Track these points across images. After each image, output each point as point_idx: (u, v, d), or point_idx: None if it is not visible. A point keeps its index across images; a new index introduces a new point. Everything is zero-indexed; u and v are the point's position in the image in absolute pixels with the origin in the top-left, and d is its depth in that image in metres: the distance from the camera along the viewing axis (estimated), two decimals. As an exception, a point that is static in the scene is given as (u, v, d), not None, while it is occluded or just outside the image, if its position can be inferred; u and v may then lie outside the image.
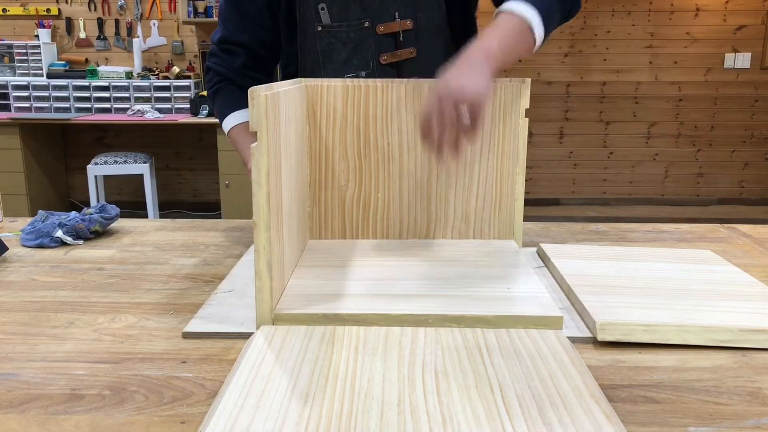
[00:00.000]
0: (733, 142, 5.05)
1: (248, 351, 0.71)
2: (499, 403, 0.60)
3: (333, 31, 1.19)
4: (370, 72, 1.21)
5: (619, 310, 0.79)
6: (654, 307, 0.80)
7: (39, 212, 1.20)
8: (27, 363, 0.71)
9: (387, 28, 1.19)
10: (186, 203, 5.06)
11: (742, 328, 0.75)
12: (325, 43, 1.21)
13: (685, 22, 4.85)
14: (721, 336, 0.75)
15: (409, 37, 1.20)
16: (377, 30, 1.19)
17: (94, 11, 4.80)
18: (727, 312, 0.79)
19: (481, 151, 1.07)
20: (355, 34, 1.19)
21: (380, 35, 1.19)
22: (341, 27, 1.19)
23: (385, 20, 1.19)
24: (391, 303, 0.81)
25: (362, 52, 1.21)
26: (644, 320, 0.76)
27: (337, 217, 1.10)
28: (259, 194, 0.74)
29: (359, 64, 1.21)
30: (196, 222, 1.31)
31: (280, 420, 0.57)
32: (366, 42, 1.20)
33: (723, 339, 0.75)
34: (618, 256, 1.02)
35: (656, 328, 0.75)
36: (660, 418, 0.60)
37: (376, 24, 1.19)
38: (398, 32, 1.19)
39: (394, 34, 1.20)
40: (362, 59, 1.21)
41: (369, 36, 1.19)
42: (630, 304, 0.82)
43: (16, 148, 4.27)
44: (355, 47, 1.20)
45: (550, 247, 1.06)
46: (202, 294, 0.91)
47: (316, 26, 1.19)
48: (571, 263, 0.98)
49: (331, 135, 1.07)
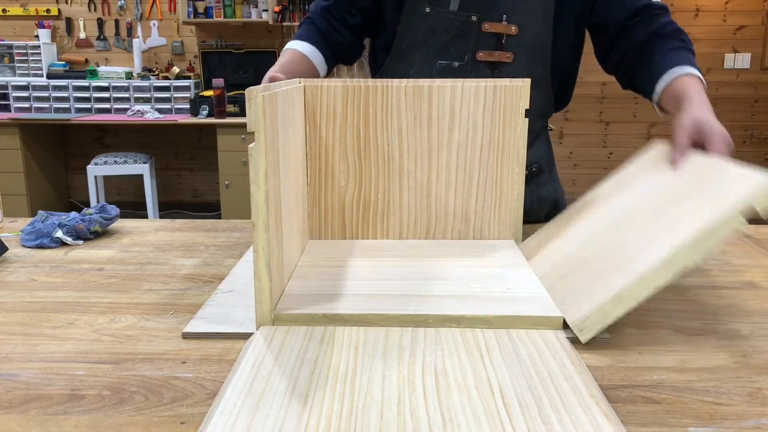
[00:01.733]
0: (733, 142, 5.04)
1: (248, 351, 0.71)
2: (499, 403, 0.60)
3: (440, 15, 1.21)
4: (464, 65, 1.23)
5: (570, 304, 0.79)
6: (593, 279, 0.80)
7: (39, 212, 1.20)
8: (27, 363, 0.71)
9: (492, 27, 1.21)
10: (186, 203, 5.06)
11: (694, 236, 0.73)
12: (428, 26, 1.23)
13: (685, 22, 4.85)
14: (682, 256, 0.73)
15: (511, 41, 1.22)
16: (482, 27, 1.21)
17: (94, 11, 4.80)
18: (664, 231, 0.78)
19: (481, 151, 1.07)
20: (460, 24, 1.22)
21: (484, 32, 1.21)
22: (449, 14, 1.21)
23: (493, 19, 1.21)
24: (391, 303, 0.81)
25: (461, 44, 1.23)
26: (602, 298, 0.75)
27: (336, 217, 1.10)
28: (257, 195, 0.74)
29: (455, 54, 1.23)
30: (196, 222, 1.31)
31: (280, 420, 0.57)
32: (468, 35, 1.22)
33: (685, 258, 0.73)
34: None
35: (621, 295, 0.74)
36: (660, 418, 0.60)
37: (483, 21, 1.21)
38: (502, 34, 1.21)
39: (497, 34, 1.22)
40: (459, 50, 1.23)
41: (472, 30, 1.22)
42: (570, 293, 0.81)
43: (16, 149, 4.28)
44: (456, 37, 1.22)
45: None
46: (202, 294, 0.91)
47: (425, 7, 1.21)
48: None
49: (331, 135, 1.07)
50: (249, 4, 4.59)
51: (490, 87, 1.04)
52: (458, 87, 1.04)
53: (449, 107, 1.05)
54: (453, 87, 1.04)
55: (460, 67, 1.23)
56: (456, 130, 1.06)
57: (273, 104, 0.78)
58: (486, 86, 1.04)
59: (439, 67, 1.24)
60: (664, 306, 0.88)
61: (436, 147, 1.07)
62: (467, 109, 1.05)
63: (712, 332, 0.79)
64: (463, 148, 1.07)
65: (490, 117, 1.05)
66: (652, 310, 0.86)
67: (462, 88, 1.04)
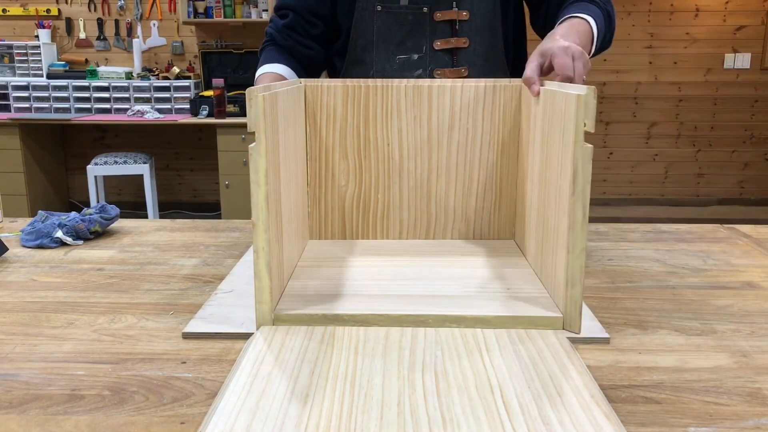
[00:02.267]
0: (733, 142, 5.05)
1: (248, 351, 0.71)
2: (499, 403, 0.60)
3: (392, 12, 1.24)
4: (423, 56, 1.25)
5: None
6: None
7: (39, 213, 1.20)
8: (27, 363, 0.71)
9: (444, 15, 1.24)
10: (186, 203, 5.06)
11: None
12: (382, 24, 1.25)
13: (685, 22, 4.85)
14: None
15: (463, 27, 1.25)
16: (434, 16, 1.23)
17: (94, 11, 4.80)
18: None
19: (481, 151, 1.07)
20: (413, 17, 1.24)
21: (437, 21, 1.24)
22: (400, 9, 1.23)
23: (443, 8, 1.24)
24: (391, 303, 0.81)
25: (417, 36, 1.25)
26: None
27: (336, 217, 1.10)
28: (258, 195, 0.74)
29: (413, 47, 1.25)
30: (196, 222, 1.31)
31: (280, 420, 0.57)
32: (422, 27, 1.24)
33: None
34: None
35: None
36: (660, 418, 0.60)
37: (434, 11, 1.23)
38: (455, 20, 1.24)
39: (450, 21, 1.24)
40: (416, 43, 1.25)
41: (426, 21, 1.24)
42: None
43: (16, 149, 4.27)
44: (411, 30, 1.25)
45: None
46: (202, 294, 0.91)
47: (376, 6, 1.23)
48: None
49: (331, 135, 1.07)
50: (249, 4, 4.59)
51: (490, 87, 1.04)
52: (458, 87, 1.04)
53: (449, 107, 1.05)
54: (453, 87, 1.04)
55: (419, 58, 1.25)
56: (456, 130, 1.06)
57: (273, 104, 0.78)
58: (486, 86, 1.04)
59: (398, 62, 1.26)
60: (664, 306, 0.88)
61: (436, 147, 1.07)
62: (467, 109, 1.05)
63: (712, 332, 0.79)
64: (463, 148, 1.07)
65: (490, 117, 1.05)
66: (652, 310, 0.86)
67: (462, 88, 1.04)
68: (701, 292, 0.93)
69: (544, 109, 0.88)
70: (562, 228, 0.78)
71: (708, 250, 1.12)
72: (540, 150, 0.90)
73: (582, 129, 0.73)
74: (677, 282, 0.97)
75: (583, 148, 0.73)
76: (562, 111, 0.78)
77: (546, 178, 0.86)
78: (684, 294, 0.92)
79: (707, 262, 1.06)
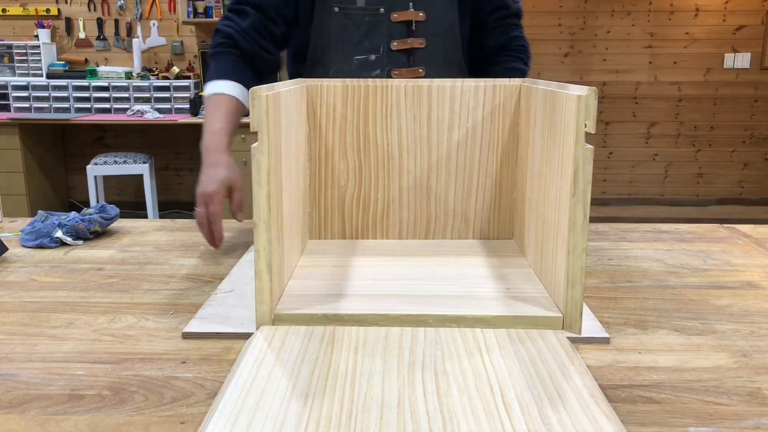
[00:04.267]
0: (732, 142, 5.05)
1: (248, 351, 0.71)
2: (499, 403, 0.60)
3: (349, 13, 1.24)
4: (380, 56, 1.26)
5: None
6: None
7: (39, 212, 1.20)
8: (27, 363, 0.71)
9: (401, 15, 1.24)
10: (186, 203, 5.05)
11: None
12: (339, 24, 1.25)
13: (685, 22, 4.85)
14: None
15: (420, 27, 1.25)
16: (391, 17, 1.24)
17: (94, 11, 4.79)
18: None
19: (480, 150, 1.07)
20: (370, 18, 1.24)
21: (394, 22, 1.24)
22: (357, 10, 1.24)
23: (400, 8, 1.24)
24: (391, 303, 0.81)
25: (374, 37, 1.25)
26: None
27: (337, 217, 1.10)
28: (259, 194, 0.74)
29: (370, 48, 1.26)
30: (196, 222, 1.31)
31: (280, 420, 0.57)
32: (379, 27, 1.24)
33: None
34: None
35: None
36: (660, 418, 0.60)
37: (391, 11, 1.24)
38: (411, 21, 1.25)
39: (407, 22, 1.25)
40: (373, 44, 1.25)
41: (383, 21, 1.24)
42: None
43: (16, 149, 4.27)
44: (368, 31, 1.25)
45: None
46: (202, 294, 0.91)
47: (333, 7, 1.23)
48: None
49: (331, 135, 1.07)
50: (249, 4, 4.59)
51: (490, 87, 1.04)
52: (458, 87, 1.04)
53: (449, 107, 1.05)
54: (453, 87, 1.04)
55: (377, 59, 1.26)
56: (456, 130, 1.06)
57: (276, 104, 0.78)
58: (486, 86, 1.04)
59: (356, 63, 1.26)
60: (663, 306, 0.88)
61: (436, 147, 1.07)
62: (467, 109, 1.05)
63: (712, 332, 0.79)
64: (463, 148, 1.07)
65: (489, 117, 1.05)
66: (652, 310, 0.86)
67: (462, 88, 1.04)
68: (701, 292, 0.93)
69: (544, 109, 0.88)
70: (562, 228, 0.78)
71: (708, 250, 1.12)
72: (540, 150, 0.90)
73: (583, 130, 0.73)
74: (677, 282, 0.97)
75: (584, 149, 0.73)
76: (562, 112, 0.78)
77: (546, 178, 0.86)
78: (684, 294, 0.92)
79: (707, 262, 1.06)
